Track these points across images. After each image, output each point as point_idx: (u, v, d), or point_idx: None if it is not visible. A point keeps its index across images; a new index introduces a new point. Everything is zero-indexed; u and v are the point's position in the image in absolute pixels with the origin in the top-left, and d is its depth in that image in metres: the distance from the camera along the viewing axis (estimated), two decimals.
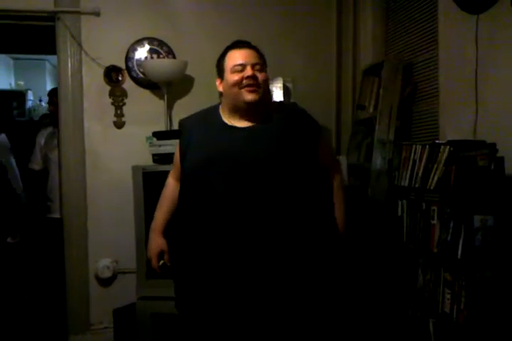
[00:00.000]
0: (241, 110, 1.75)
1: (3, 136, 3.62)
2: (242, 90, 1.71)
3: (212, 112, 1.84)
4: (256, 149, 1.70)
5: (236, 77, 1.72)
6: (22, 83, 5.97)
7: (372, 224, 2.47)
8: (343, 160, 2.75)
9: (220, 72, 1.79)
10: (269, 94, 1.87)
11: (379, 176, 2.59)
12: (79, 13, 2.86)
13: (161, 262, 1.88)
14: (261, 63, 1.77)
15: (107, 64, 2.93)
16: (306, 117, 1.84)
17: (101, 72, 2.93)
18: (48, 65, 6.15)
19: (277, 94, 2.84)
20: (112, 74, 2.95)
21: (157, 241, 1.89)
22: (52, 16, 2.85)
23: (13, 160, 3.61)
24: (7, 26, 3.07)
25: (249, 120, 1.76)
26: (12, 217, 3.40)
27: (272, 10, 3.08)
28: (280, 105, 2.01)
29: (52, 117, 3.55)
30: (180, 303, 1.83)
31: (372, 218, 2.50)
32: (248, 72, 1.71)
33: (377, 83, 2.83)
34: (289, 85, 2.90)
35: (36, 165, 3.44)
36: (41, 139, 3.46)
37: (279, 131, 1.75)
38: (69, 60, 2.89)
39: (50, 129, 3.50)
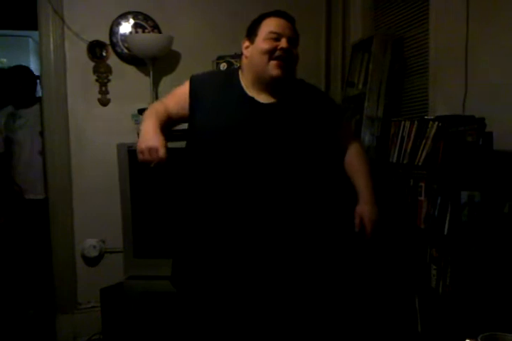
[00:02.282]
0: (264, 83, 1.66)
1: None
2: (271, 62, 1.60)
3: (231, 76, 1.72)
4: (276, 129, 1.64)
5: (268, 45, 1.60)
6: (4, 60, 5.83)
7: None
8: None
9: (251, 35, 1.66)
10: (295, 71, 1.75)
11: (367, 153, 2.57)
12: None
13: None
14: (297, 40, 1.67)
15: (91, 39, 2.84)
16: (329, 101, 1.80)
17: (84, 47, 2.84)
18: (31, 42, 5.99)
19: None
20: (95, 49, 2.86)
21: (161, 134, 1.55)
22: None
23: None
24: None
25: (270, 94, 1.67)
26: None
27: None
28: (302, 83, 1.83)
29: (14, 97, 3.34)
30: (178, 279, 1.78)
31: None
32: (284, 43, 1.60)
33: (366, 59, 2.79)
34: None
35: None
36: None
37: (301, 112, 1.69)
38: (51, 34, 2.79)
39: (8, 110, 3.32)
